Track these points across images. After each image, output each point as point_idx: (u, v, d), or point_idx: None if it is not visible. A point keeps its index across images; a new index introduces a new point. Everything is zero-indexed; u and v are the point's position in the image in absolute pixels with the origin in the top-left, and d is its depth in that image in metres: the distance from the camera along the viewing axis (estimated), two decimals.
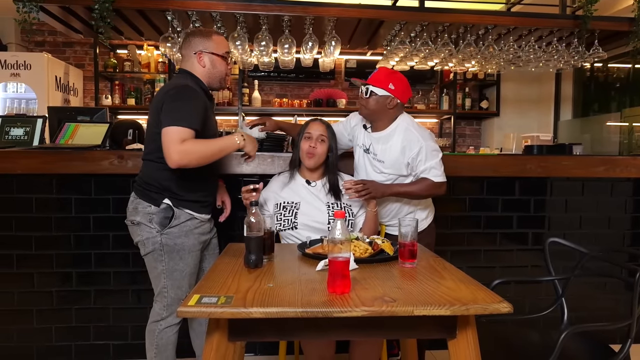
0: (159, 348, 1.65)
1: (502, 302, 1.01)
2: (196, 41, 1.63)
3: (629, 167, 2.29)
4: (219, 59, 1.65)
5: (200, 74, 1.64)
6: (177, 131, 1.45)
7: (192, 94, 1.54)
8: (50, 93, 3.83)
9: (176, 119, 1.46)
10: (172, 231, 1.58)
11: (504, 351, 1.44)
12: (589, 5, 2.79)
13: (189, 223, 1.61)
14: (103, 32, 2.55)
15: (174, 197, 1.58)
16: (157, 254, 1.59)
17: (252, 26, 2.91)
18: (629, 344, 1.24)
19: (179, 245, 1.59)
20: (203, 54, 1.63)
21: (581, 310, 2.34)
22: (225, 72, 1.68)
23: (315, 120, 1.81)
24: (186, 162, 1.46)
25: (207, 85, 1.67)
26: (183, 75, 1.65)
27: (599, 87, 4.31)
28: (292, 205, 1.75)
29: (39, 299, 2.10)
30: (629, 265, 1.36)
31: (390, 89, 1.74)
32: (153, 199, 1.58)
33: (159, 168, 1.56)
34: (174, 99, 1.51)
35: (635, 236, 2.43)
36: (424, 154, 1.72)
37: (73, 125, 2.33)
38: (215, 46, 1.64)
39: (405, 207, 1.88)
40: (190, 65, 1.65)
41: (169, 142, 1.44)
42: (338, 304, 1.00)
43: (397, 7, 2.89)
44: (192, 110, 1.50)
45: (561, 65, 3.14)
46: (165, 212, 1.57)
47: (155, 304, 1.66)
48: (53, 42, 4.56)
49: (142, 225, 1.58)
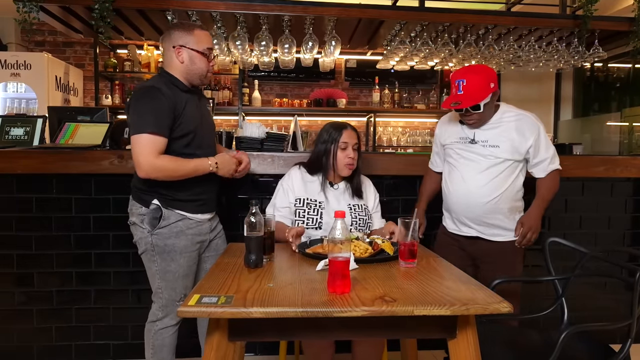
0: (154, 349, 1.64)
1: (502, 302, 1.01)
2: (176, 35, 1.57)
3: (629, 167, 2.29)
4: (199, 56, 1.58)
5: (177, 70, 1.58)
6: (147, 140, 1.45)
7: (154, 96, 1.48)
8: (50, 93, 3.83)
9: (142, 124, 1.46)
10: (162, 232, 1.57)
11: (504, 351, 1.44)
12: (589, 5, 2.79)
13: (179, 224, 1.59)
14: (103, 32, 2.55)
15: (163, 198, 1.57)
16: (149, 254, 1.60)
17: (252, 26, 2.91)
18: (629, 343, 1.24)
19: (170, 246, 1.58)
20: (182, 49, 1.56)
21: (581, 310, 2.33)
22: (206, 69, 1.62)
23: (347, 128, 1.73)
24: (154, 176, 1.49)
25: (186, 81, 1.61)
26: (157, 76, 1.62)
27: (599, 87, 4.31)
28: (317, 204, 1.71)
29: (39, 299, 2.10)
30: (629, 265, 1.36)
31: (491, 88, 1.62)
32: (143, 200, 1.58)
33: None
34: (137, 102, 1.50)
35: (636, 236, 2.43)
36: (544, 138, 1.69)
37: (73, 125, 2.33)
38: (195, 41, 1.57)
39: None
40: (168, 60, 1.59)
41: (141, 153, 1.45)
42: (338, 303, 1.00)
43: (397, 7, 2.89)
44: (156, 114, 1.47)
45: (561, 65, 3.14)
46: (154, 213, 1.56)
47: (153, 304, 1.67)
48: (53, 42, 4.56)
49: (136, 226, 1.60)
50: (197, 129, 1.61)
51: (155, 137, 1.47)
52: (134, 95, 1.53)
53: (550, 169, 1.73)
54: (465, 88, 1.61)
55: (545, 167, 1.73)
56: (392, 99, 4.71)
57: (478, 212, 1.72)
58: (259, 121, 4.63)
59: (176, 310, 1.61)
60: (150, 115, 1.47)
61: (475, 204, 1.71)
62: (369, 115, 4.72)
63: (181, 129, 1.54)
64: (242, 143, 2.17)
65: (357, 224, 1.71)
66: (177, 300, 1.63)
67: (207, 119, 1.72)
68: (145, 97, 1.50)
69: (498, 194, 1.69)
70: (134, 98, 1.52)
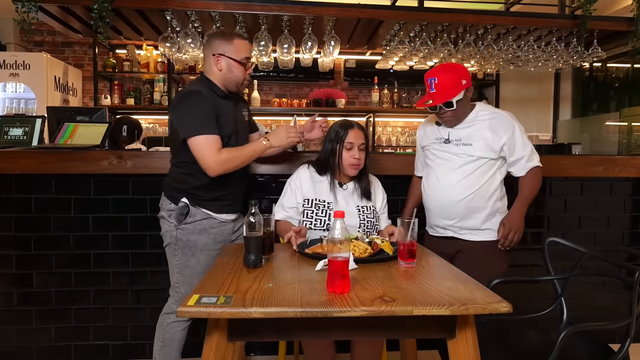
0: (164, 342, 1.68)
1: (501, 302, 1.01)
2: (216, 43, 1.65)
3: (628, 166, 2.29)
4: (237, 64, 1.66)
5: (216, 77, 1.67)
6: (205, 141, 1.53)
7: (199, 99, 1.57)
8: (49, 93, 3.82)
9: (195, 127, 1.53)
10: (186, 227, 1.65)
11: (503, 351, 1.44)
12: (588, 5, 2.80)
13: (204, 222, 1.66)
14: (102, 32, 2.54)
15: (192, 197, 1.66)
16: (172, 248, 1.67)
17: (251, 26, 2.91)
18: (628, 343, 1.24)
19: (192, 241, 1.65)
20: (221, 58, 1.64)
21: (580, 310, 2.34)
22: (242, 78, 1.69)
23: (354, 127, 1.71)
24: (224, 170, 1.57)
25: (223, 87, 1.69)
26: (197, 80, 1.71)
27: (598, 87, 4.32)
28: (325, 204, 1.70)
29: (38, 299, 2.10)
30: (627, 264, 1.36)
31: (463, 84, 1.63)
32: (174, 197, 1.67)
33: (177, 171, 1.68)
34: (184, 105, 1.58)
35: (634, 235, 2.43)
36: (519, 136, 1.68)
37: (72, 125, 2.33)
38: (234, 50, 1.65)
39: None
40: (208, 67, 1.68)
41: (205, 154, 1.54)
42: (337, 303, 1.00)
43: (396, 6, 2.89)
44: (204, 116, 1.55)
45: (560, 65, 3.15)
46: (182, 210, 1.65)
47: (170, 297, 1.72)
48: (52, 42, 4.56)
49: (164, 220, 1.69)
50: (232, 134, 1.68)
51: (211, 137, 1.55)
52: (180, 100, 1.62)
53: (529, 167, 1.72)
54: (437, 86, 1.63)
55: (524, 165, 1.72)
56: (392, 99, 4.71)
57: (452, 211, 1.71)
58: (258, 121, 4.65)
59: None
60: (200, 117, 1.55)
61: (448, 203, 1.71)
62: (368, 115, 4.72)
63: (220, 132, 1.60)
64: None
65: (365, 226, 1.70)
66: None
67: (241, 124, 1.77)
68: (191, 100, 1.58)
69: (471, 192, 1.68)
70: (180, 102, 1.61)
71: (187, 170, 1.64)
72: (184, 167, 1.65)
